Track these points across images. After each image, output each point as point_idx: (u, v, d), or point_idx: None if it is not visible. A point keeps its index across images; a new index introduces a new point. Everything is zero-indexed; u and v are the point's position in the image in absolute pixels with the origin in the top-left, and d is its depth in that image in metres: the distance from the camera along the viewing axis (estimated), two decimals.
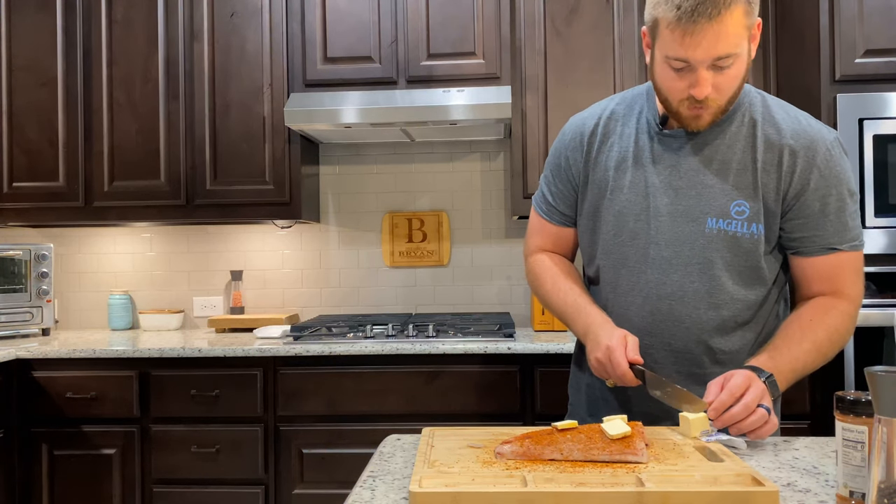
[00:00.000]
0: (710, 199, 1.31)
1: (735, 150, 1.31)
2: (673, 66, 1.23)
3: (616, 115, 1.43)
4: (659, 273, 1.34)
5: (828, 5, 2.40)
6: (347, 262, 3.23)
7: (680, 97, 1.26)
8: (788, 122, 1.32)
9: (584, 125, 1.45)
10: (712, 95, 1.23)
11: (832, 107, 2.39)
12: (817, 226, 1.30)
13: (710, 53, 1.18)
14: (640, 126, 1.39)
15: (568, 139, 1.47)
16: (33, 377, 2.58)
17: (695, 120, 1.28)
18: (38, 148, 2.93)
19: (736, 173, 1.31)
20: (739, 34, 1.19)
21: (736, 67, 1.22)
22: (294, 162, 2.87)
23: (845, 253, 1.31)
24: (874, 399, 0.74)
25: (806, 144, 1.30)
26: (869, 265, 2.37)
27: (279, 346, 2.55)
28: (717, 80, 1.22)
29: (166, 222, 3.05)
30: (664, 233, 1.33)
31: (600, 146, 1.42)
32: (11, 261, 2.91)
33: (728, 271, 1.31)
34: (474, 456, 1.08)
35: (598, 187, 1.41)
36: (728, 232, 1.30)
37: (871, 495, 0.73)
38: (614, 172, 1.39)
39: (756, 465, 1.11)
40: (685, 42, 1.18)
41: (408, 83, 2.83)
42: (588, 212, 1.44)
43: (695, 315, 1.33)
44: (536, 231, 1.55)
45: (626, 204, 1.37)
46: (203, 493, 2.54)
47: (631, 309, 1.37)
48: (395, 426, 2.36)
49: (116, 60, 2.91)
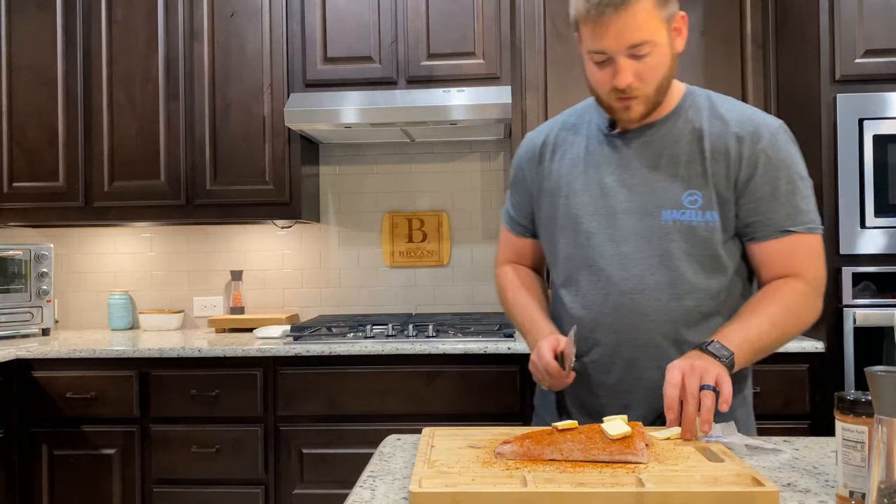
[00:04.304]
0: (663, 192, 1.34)
1: (682, 144, 1.35)
2: (594, 59, 1.29)
3: (567, 126, 1.49)
4: (620, 269, 1.36)
5: (828, 5, 2.40)
6: (347, 262, 3.23)
7: (607, 90, 1.31)
8: (733, 113, 1.36)
9: (538, 138, 1.52)
10: (635, 84, 1.28)
11: (832, 107, 2.39)
12: (769, 209, 1.32)
13: (621, 42, 1.24)
14: (591, 133, 1.44)
15: (523, 152, 1.54)
16: (33, 377, 2.58)
17: (626, 111, 1.32)
18: (38, 148, 2.93)
19: (685, 165, 1.34)
20: (651, 23, 1.24)
21: (655, 56, 1.27)
22: (294, 162, 2.87)
23: (800, 235, 1.32)
24: (874, 399, 0.74)
25: (751, 131, 1.33)
26: (869, 265, 2.37)
27: (279, 346, 2.55)
28: (638, 68, 1.27)
29: (166, 222, 3.05)
30: (621, 229, 1.36)
31: (552, 156, 1.47)
32: (11, 261, 2.91)
33: (687, 261, 1.33)
34: (474, 456, 1.08)
35: (552, 194, 1.45)
36: (683, 222, 1.33)
37: (871, 495, 0.73)
38: (567, 178, 1.43)
39: (756, 465, 1.11)
40: (597, 33, 1.25)
41: (408, 83, 2.84)
42: (545, 220, 1.48)
43: (658, 307, 1.34)
44: (503, 242, 1.64)
45: (581, 206, 1.40)
46: (203, 493, 2.55)
47: (595, 307, 1.38)
48: (395, 426, 2.36)
49: (116, 60, 2.91)
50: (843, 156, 2.36)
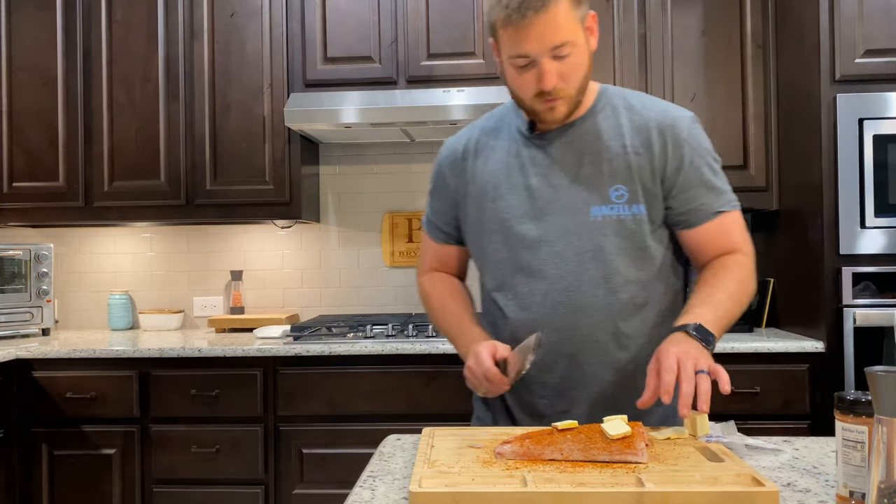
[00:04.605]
0: (590, 189, 1.36)
1: (603, 140, 1.38)
2: (516, 64, 1.30)
3: (486, 130, 1.49)
4: (554, 268, 1.37)
5: (828, 5, 2.39)
6: (347, 263, 3.23)
7: (531, 94, 1.31)
8: (649, 107, 1.40)
9: (458, 144, 1.51)
10: (560, 85, 1.29)
11: (832, 107, 2.39)
12: (700, 196, 1.37)
13: (545, 44, 1.25)
14: (512, 136, 1.44)
15: (444, 158, 1.53)
16: (33, 377, 2.58)
17: (550, 113, 1.33)
18: (38, 148, 2.93)
19: (609, 161, 1.36)
20: (570, 23, 1.26)
21: (576, 56, 1.29)
22: (294, 162, 2.87)
23: (729, 213, 1.39)
24: (874, 399, 0.74)
25: (670, 123, 1.37)
26: (869, 265, 2.37)
27: (279, 346, 2.55)
28: (561, 69, 1.28)
29: (166, 222, 3.05)
30: (552, 229, 1.37)
31: (475, 161, 1.47)
32: (11, 261, 2.91)
33: (619, 255, 1.35)
34: (474, 456, 1.08)
35: (478, 199, 1.44)
36: (612, 217, 1.35)
37: (871, 495, 0.73)
38: (492, 182, 1.43)
39: (756, 465, 1.11)
40: (519, 37, 1.26)
41: (408, 83, 2.84)
42: (472, 225, 1.47)
43: (595, 302, 1.36)
44: (425, 251, 1.61)
45: (509, 209, 1.40)
46: (203, 493, 2.55)
47: (533, 308, 1.38)
48: (395, 426, 2.36)
49: (116, 60, 2.91)
50: (843, 156, 2.36)
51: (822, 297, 2.40)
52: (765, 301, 2.83)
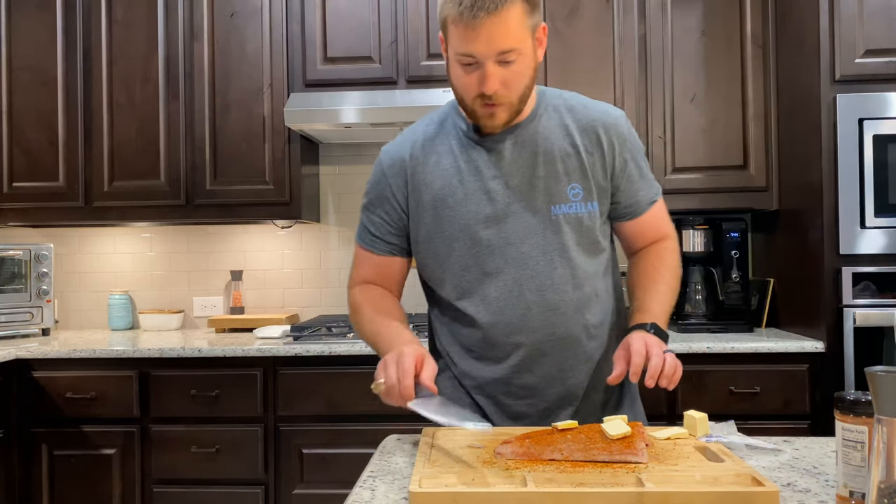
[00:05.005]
0: (547, 188, 1.38)
1: (552, 140, 1.39)
2: (462, 62, 1.29)
3: (428, 135, 1.45)
4: (525, 268, 1.37)
5: (828, 5, 2.39)
6: (347, 262, 3.21)
7: (472, 95, 1.30)
8: (589, 108, 1.44)
9: (402, 150, 1.45)
10: (501, 91, 1.28)
11: (832, 107, 2.39)
12: (640, 189, 1.45)
13: (492, 47, 1.24)
14: (458, 139, 1.42)
15: (387, 166, 1.45)
16: (33, 377, 2.58)
17: (490, 119, 1.33)
18: (38, 148, 2.93)
19: (561, 160, 1.38)
20: (521, 31, 1.25)
21: (521, 64, 1.28)
22: (294, 162, 2.87)
23: (658, 201, 1.49)
24: (874, 399, 0.74)
25: (612, 122, 1.42)
26: (869, 265, 2.37)
27: (279, 346, 2.55)
28: (504, 75, 1.27)
29: (166, 222, 3.05)
30: (516, 230, 1.37)
31: (423, 168, 1.42)
32: (11, 261, 2.91)
33: (577, 250, 1.39)
34: (474, 456, 1.08)
35: (433, 208, 1.40)
36: (571, 214, 1.38)
37: (871, 495, 0.73)
38: (446, 189, 1.40)
39: (756, 465, 1.11)
40: (468, 36, 1.24)
41: (408, 83, 2.83)
42: (426, 235, 1.42)
43: (566, 298, 1.38)
44: (360, 263, 1.54)
45: (470, 215, 1.38)
46: (203, 493, 2.55)
47: (508, 311, 1.38)
48: (395, 426, 2.36)
49: (116, 60, 2.91)
50: (843, 156, 2.36)
51: (822, 297, 2.40)
52: (765, 301, 2.83)
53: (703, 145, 2.76)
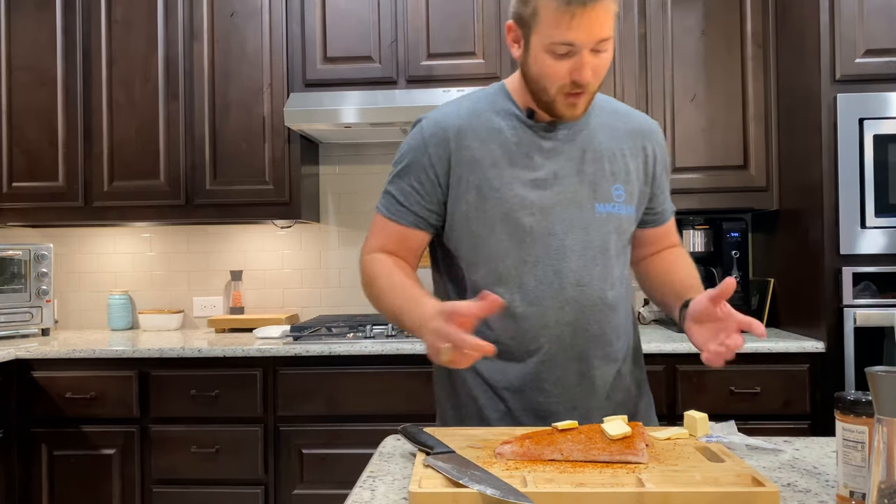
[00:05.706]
0: (594, 185, 1.38)
1: (601, 139, 1.40)
2: (557, 51, 1.26)
3: (477, 112, 1.40)
4: (566, 262, 1.36)
5: (828, 5, 2.39)
6: (347, 262, 3.23)
7: (560, 83, 1.28)
8: (632, 114, 1.47)
9: (447, 122, 1.39)
10: (592, 79, 1.28)
11: (832, 107, 2.39)
12: (667, 198, 1.51)
13: (594, 36, 1.24)
14: (510, 122, 1.39)
15: (428, 135, 1.39)
16: (33, 377, 2.58)
17: (570, 108, 1.31)
18: (38, 148, 2.93)
19: (609, 160, 1.39)
20: (613, 21, 1.27)
21: (609, 54, 1.29)
22: (294, 162, 2.87)
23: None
24: (874, 399, 0.74)
25: (652, 128, 1.46)
26: (869, 265, 2.37)
27: (279, 346, 2.55)
28: (596, 63, 1.28)
29: (166, 222, 3.05)
30: (560, 222, 1.36)
31: (470, 144, 1.38)
32: (11, 261, 2.91)
33: (615, 251, 1.40)
34: (474, 456, 1.08)
35: (477, 188, 1.36)
36: (615, 215, 1.39)
37: (871, 495, 0.73)
38: (493, 171, 1.36)
39: (756, 465, 1.11)
40: (573, 25, 1.23)
41: (408, 83, 2.83)
42: (465, 215, 1.37)
43: (602, 297, 1.37)
44: (379, 233, 1.46)
45: (517, 200, 1.35)
46: (203, 493, 2.54)
47: (545, 303, 1.35)
48: (395, 426, 2.36)
49: (116, 60, 2.91)
50: (843, 156, 2.36)
51: (822, 297, 2.40)
52: (765, 301, 2.83)
53: (704, 145, 2.76)
